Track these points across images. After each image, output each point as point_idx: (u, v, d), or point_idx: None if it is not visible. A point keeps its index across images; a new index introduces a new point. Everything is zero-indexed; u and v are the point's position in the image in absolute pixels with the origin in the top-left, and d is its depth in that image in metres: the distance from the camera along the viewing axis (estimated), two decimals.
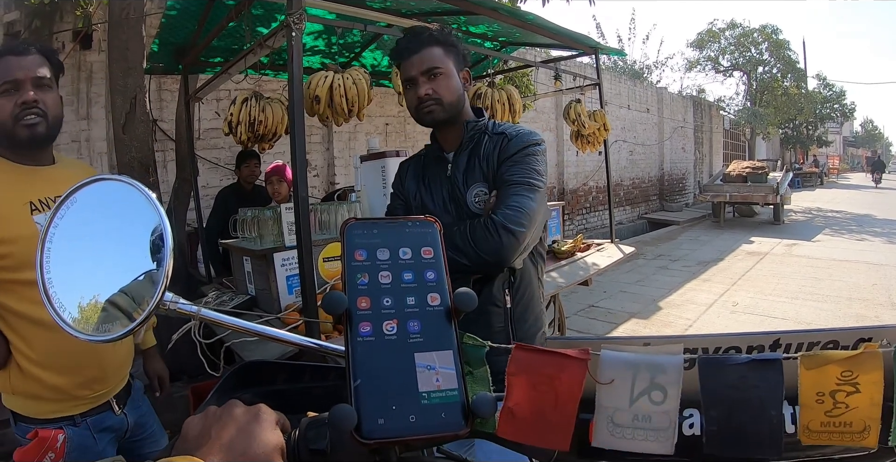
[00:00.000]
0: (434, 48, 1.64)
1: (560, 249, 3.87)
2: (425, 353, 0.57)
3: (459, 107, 1.68)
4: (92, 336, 0.70)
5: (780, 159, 29.36)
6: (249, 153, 4.45)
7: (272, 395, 0.88)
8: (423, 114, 1.67)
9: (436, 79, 1.63)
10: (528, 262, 1.68)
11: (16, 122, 1.51)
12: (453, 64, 1.67)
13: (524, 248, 1.53)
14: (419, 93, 1.64)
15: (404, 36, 1.71)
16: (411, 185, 1.82)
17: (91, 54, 4.78)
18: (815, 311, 5.94)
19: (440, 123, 1.70)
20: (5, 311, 1.53)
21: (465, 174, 1.69)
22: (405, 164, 1.91)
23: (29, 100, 1.52)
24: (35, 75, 1.54)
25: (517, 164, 1.60)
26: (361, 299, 0.59)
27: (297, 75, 2.20)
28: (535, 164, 1.61)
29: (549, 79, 4.88)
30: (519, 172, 1.59)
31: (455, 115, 1.68)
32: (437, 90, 1.63)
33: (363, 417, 0.52)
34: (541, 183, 1.60)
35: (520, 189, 1.56)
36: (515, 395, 0.57)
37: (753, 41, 25.19)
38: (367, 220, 0.65)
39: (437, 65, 1.63)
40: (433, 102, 1.64)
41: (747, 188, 13.15)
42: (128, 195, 0.75)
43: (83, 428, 1.64)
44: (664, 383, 0.54)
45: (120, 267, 0.74)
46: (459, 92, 1.67)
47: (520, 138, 1.65)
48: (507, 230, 1.46)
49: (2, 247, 1.47)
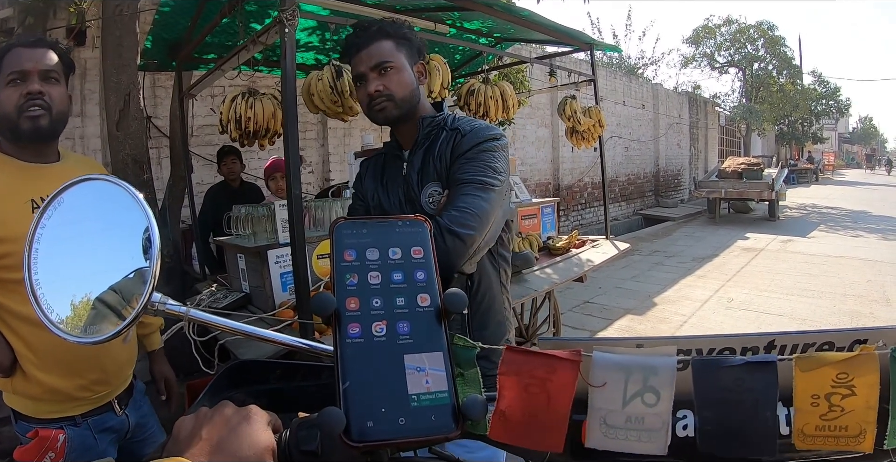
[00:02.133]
0: (384, 42, 1.56)
1: (555, 246, 3.87)
2: (415, 354, 0.56)
3: (414, 102, 1.61)
4: (80, 338, 0.69)
5: (776, 156, 29.46)
6: (228, 150, 4.42)
7: (265, 394, 0.87)
8: (375, 111, 1.60)
9: (386, 74, 1.56)
10: (487, 266, 1.61)
11: (20, 114, 1.49)
12: (405, 57, 1.59)
13: (474, 252, 1.43)
14: (369, 89, 1.56)
15: (353, 31, 1.62)
16: (369, 184, 1.75)
17: (85, 51, 4.76)
18: (811, 308, 5.95)
19: (394, 121, 1.62)
20: (6, 314, 1.51)
21: (419, 173, 1.61)
22: (365, 163, 1.83)
23: (34, 91, 1.50)
24: (43, 68, 1.52)
25: (470, 161, 1.51)
26: (350, 300, 0.58)
27: (291, 72, 2.18)
28: (490, 161, 1.51)
29: (544, 75, 4.87)
30: (471, 170, 1.49)
31: (409, 111, 1.61)
32: (388, 86, 1.55)
33: (352, 420, 0.52)
34: (495, 181, 1.48)
35: (470, 188, 1.46)
36: (507, 398, 0.57)
37: (749, 38, 25.24)
38: (356, 220, 0.64)
39: (386, 59, 1.55)
40: (384, 99, 1.57)
41: (743, 184, 13.18)
42: (116, 195, 0.74)
43: (84, 428, 1.62)
44: (657, 385, 0.53)
45: (108, 268, 0.73)
46: (412, 86, 1.59)
47: (475, 134, 1.55)
48: (453, 233, 1.35)
49: (3, 246, 1.44)
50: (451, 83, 3.36)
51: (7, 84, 1.50)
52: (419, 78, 1.64)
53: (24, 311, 1.48)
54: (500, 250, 1.66)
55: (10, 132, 1.53)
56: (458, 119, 1.65)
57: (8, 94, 1.49)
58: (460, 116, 1.69)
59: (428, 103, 1.70)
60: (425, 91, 1.70)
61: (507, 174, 1.55)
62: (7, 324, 1.52)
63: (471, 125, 1.60)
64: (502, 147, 1.57)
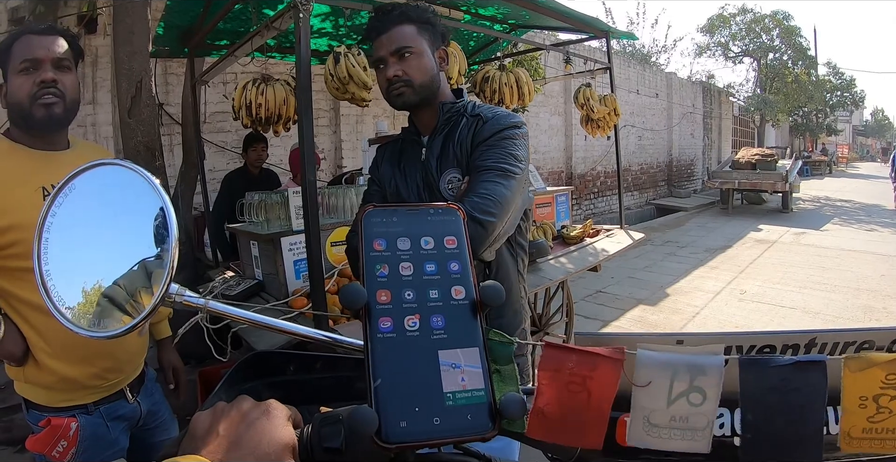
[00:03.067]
0: (405, 26, 1.55)
1: (569, 235, 3.84)
2: (450, 350, 0.53)
3: (433, 88, 1.59)
4: (92, 332, 0.66)
5: (790, 147, 29.15)
6: (257, 137, 4.42)
7: (282, 386, 0.85)
8: (393, 96, 1.58)
9: (406, 59, 1.54)
10: (504, 255, 1.61)
11: (33, 102, 1.48)
12: (427, 43, 1.58)
13: (494, 240, 1.43)
14: (388, 74, 1.55)
15: (374, 15, 1.61)
16: (387, 169, 1.74)
17: (96, 39, 4.74)
18: (824, 302, 5.90)
19: (412, 106, 1.61)
20: (19, 303, 1.50)
21: (438, 159, 1.59)
22: (382, 149, 1.82)
23: (48, 79, 1.49)
24: (55, 56, 1.51)
25: (491, 148, 1.50)
26: (381, 292, 0.55)
27: (305, 58, 2.15)
28: (511, 149, 1.50)
29: (559, 63, 4.82)
30: (493, 157, 1.48)
31: (428, 97, 1.59)
32: (407, 71, 1.54)
33: (384, 420, 0.49)
34: (517, 169, 1.48)
35: (492, 175, 1.45)
36: (546, 395, 0.54)
37: (764, 27, 24.90)
38: (386, 207, 0.61)
39: (407, 44, 1.54)
40: (402, 84, 1.56)
41: (756, 175, 13.07)
42: (129, 180, 0.71)
43: (96, 416, 1.62)
44: (704, 385, 0.51)
45: (122, 257, 0.70)
46: (433, 73, 1.58)
47: (496, 120, 1.54)
48: (475, 220, 1.34)
49: (14, 233, 1.43)
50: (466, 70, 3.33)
51: (19, 72, 1.48)
52: (440, 64, 1.62)
53: (36, 299, 1.45)
54: (517, 239, 1.64)
55: (23, 120, 1.51)
56: (478, 106, 1.64)
57: (20, 83, 1.48)
58: (480, 104, 1.68)
59: (449, 89, 1.68)
60: (446, 77, 1.67)
61: (527, 162, 1.54)
62: (19, 313, 1.51)
63: (492, 112, 1.58)
64: (523, 135, 1.56)
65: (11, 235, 1.42)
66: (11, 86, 1.49)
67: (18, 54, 1.48)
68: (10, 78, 1.49)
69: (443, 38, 1.64)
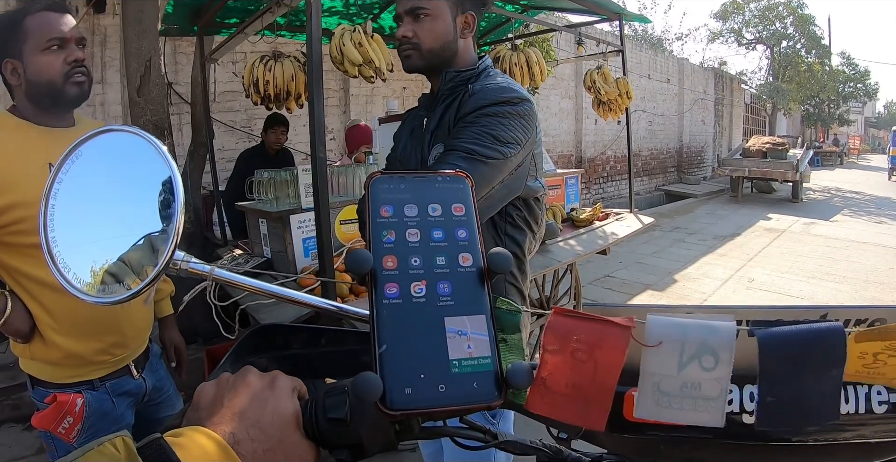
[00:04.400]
0: None
1: (579, 217, 3.83)
2: (456, 317, 0.52)
3: (445, 55, 1.48)
4: (98, 298, 0.66)
5: (801, 136, 28.87)
6: (279, 119, 4.41)
7: (289, 360, 0.85)
8: (402, 58, 1.50)
9: (420, 21, 1.44)
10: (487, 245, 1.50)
11: (66, 80, 1.49)
12: (449, 6, 1.45)
13: None
14: (398, 34, 1.47)
15: None
16: (402, 134, 1.66)
17: (105, 18, 4.73)
18: (832, 292, 5.88)
19: (419, 71, 1.51)
20: (26, 279, 1.49)
21: (433, 132, 1.49)
22: (407, 114, 1.75)
23: (80, 58, 1.51)
24: (78, 35, 1.52)
25: (469, 126, 1.36)
26: (387, 258, 0.54)
27: (316, 35, 2.14)
28: (492, 128, 1.34)
29: (570, 45, 4.77)
30: (465, 137, 1.34)
31: (437, 63, 1.49)
32: (417, 33, 1.45)
33: (389, 386, 0.48)
34: (490, 151, 1.32)
35: (455, 158, 1.31)
36: (550, 365, 0.53)
37: (778, 15, 24.52)
38: (394, 174, 0.61)
39: (421, 5, 1.43)
40: (410, 47, 1.47)
41: (767, 164, 12.95)
42: (137, 147, 0.70)
43: (102, 392, 1.62)
44: (716, 347, 0.50)
45: (129, 224, 0.70)
46: (447, 38, 1.46)
47: (483, 94, 1.39)
48: None
49: (21, 210, 1.42)
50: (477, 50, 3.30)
51: (45, 50, 1.48)
52: (462, 30, 1.50)
53: (42, 275, 1.47)
54: (508, 230, 1.51)
55: (52, 98, 1.51)
56: (489, 76, 1.50)
57: (49, 61, 1.48)
58: (495, 73, 1.53)
59: (470, 57, 1.55)
60: (470, 45, 1.55)
61: (517, 145, 1.38)
62: (25, 289, 1.51)
63: (488, 84, 1.44)
64: (518, 113, 1.39)
65: (19, 212, 1.42)
66: (36, 64, 1.47)
67: (40, 32, 1.47)
68: (31, 55, 1.47)
69: (472, 2, 1.51)
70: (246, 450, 0.51)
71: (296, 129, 6.02)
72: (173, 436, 0.49)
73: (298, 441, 0.55)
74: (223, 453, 0.49)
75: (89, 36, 4.71)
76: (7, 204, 1.41)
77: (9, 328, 1.49)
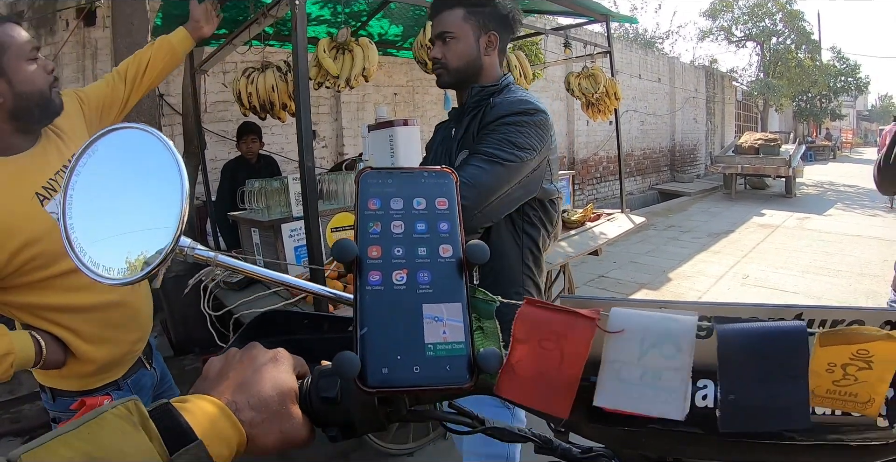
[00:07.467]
0: (455, 10, 1.63)
1: (570, 219, 3.85)
2: (434, 304, 0.56)
3: (469, 72, 1.66)
4: (112, 279, 0.71)
5: (793, 132, 29.00)
6: (249, 128, 4.46)
7: (292, 344, 0.89)
8: (436, 75, 1.71)
9: (447, 43, 1.64)
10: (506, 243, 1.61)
11: (51, 90, 1.49)
12: (473, 27, 1.63)
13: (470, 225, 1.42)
14: (430, 55, 1.70)
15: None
16: (433, 144, 1.85)
17: (95, 31, 4.76)
18: (826, 286, 5.92)
19: (449, 86, 1.71)
20: (48, 311, 1.46)
21: (460, 140, 1.66)
22: (439, 125, 1.92)
23: (53, 68, 1.52)
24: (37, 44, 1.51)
25: (490, 133, 1.53)
26: (372, 248, 0.58)
27: (301, 45, 2.16)
28: (511, 135, 1.50)
29: (559, 47, 4.79)
30: (487, 142, 1.51)
31: (464, 80, 1.68)
32: (445, 55, 1.65)
33: (367, 366, 0.52)
34: (508, 155, 1.48)
35: (476, 159, 1.48)
36: (519, 352, 0.56)
37: (767, 11, 24.66)
38: (382, 170, 0.64)
39: (448, 29, 1.63)
40: (440, 67, 1.67)
41: (759, 160, 13.02)
42: (146, 143, 0.76)
43: (126, 390, 1.63)
44: (678, 334, 0.51)
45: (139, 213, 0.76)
46: (470, 58, 1.65)
47: (503, 105, 1.57)
48: None
49: (30, 249, 1.39)
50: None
51: (30, 59, 1.44)
52: (485, 49, 1.67)
53: (63, 301, 1.46)
54: (525, 228, 1.65)
55: (41, 109, 1.47)
56: (510, 91, 1.66)
57: (35, 71, 1.45)
58: (516, 88, 1.70)
59: (494, 73, 1.72)
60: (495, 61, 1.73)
61: (533, 150, 1.53)
62: (50, 320, 1.47)
63: (506, 97, 1.61)
64: (535, 123, 1.55)
65: (30, 251, 1.39)
66: (24, 73, 1.42)
67: (18, 41, 1.41)
68: (15, 66, 1.40)
69: (499, 22, 1.68)
70: (246, 417, 0.55)
71: (287, 137, 6.03)
72: (180, 401, 0.53)
73: (296, 414, 0.59)
74: (225, 418, 0.53)
75: (80, 49, 4.74)
76: (17, 247, 1.37)
77: (48, 365, 1.47)
